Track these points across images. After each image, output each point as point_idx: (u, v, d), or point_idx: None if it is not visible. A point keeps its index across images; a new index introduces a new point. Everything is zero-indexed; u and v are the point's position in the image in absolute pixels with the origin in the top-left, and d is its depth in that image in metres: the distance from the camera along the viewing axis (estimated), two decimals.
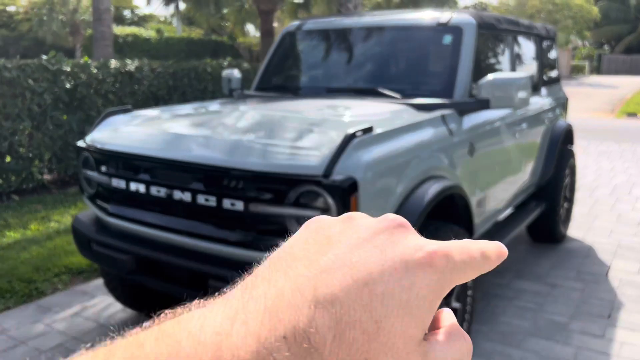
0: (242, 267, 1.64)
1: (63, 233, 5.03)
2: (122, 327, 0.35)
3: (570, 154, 5.00)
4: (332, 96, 3.36)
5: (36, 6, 27.05)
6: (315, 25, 3.90)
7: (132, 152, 2.54)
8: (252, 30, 27.05)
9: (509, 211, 4.38)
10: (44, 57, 6.35)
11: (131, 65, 7.28)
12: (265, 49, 12.82)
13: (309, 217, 1.68)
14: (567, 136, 5.00)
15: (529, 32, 4.35)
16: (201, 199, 2.34)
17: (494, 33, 3.64)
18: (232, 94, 3.96)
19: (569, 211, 5.24)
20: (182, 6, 15.04)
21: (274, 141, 2.36)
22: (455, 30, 3.31)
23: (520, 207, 4.53)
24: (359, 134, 2.21)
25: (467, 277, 0.35)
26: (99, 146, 2.72)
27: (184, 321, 0.29)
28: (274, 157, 2.22)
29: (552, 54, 5.09)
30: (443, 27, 3.35)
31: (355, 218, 0.36)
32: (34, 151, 6.31)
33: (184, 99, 8.01)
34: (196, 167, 2.33)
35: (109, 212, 2.72)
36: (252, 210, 2.22)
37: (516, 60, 3.98)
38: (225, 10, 14.87)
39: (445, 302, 2.69)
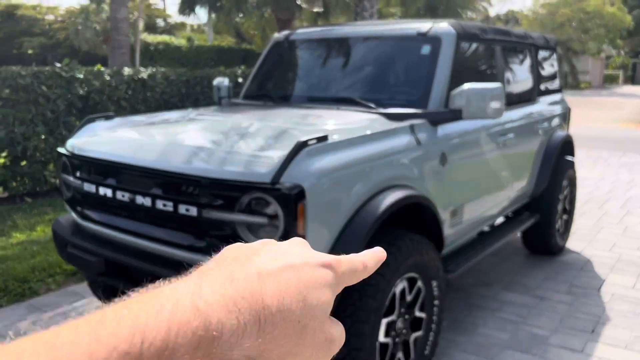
0: None
1: None
2: None
3: (569, 165, 4.93)
4: (312, 105, 3.41)
5: (72, 15, 27.91)
6: (303, 35, 3.96)
7: (100, 158, 2.64)
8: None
9: (500, 220, 4.35)
10: (58, 65, 6.58)
11: (144, 72, 7.47)
12: None
13: (258, 224, 1.77)
14: (566, 147, 4.93)
15: (521, 42, 4.32)
16: (159, 204, 2.41)
17: (477, 43, 3.64)
18: (221, 102, 4.04)
19: (567, 223, 5.16)
20: (204, 15, 15.36)
21: (231, 149, 2.42)
22: (434, 40, 3.32)
23: (513, 216, 4.49)
24: (311, 142, 2.25)
25: (352, 282, 0.46)
26: (74, 151, 2.83)
27: (162, 288, 0.36)
28: (227, 164, 2.28)
29: (551, 64, 5.03)
30: (422, 37, 3.37)
31: (267, 242, 0.45)
32: (47, 155, 6.52)
33: (196, 106, 8.17)
34: (155, 173, 2.41)
35: (83, 215, 2.83)
36: (205, 216, 2.28)
37: (504, 71, 3.96)
38: (244, 19, 15.10)
39: (408, 312, 2.70)
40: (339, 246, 2.28)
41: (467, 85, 3.02)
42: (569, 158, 4.98)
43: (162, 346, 0.31)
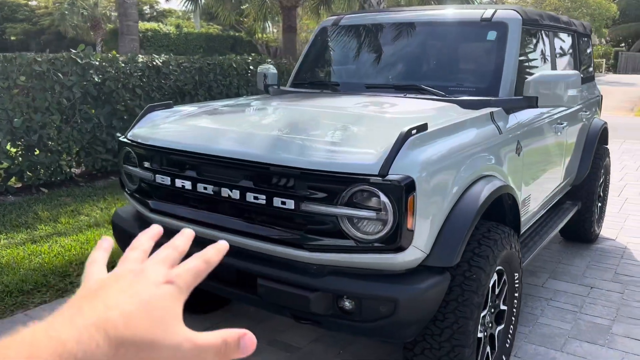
0: (291, 267, 1.59)
1: (94, 227, 5.04)
2: None
3: (607, 153, 4.91)
4: (372, 93, 3.31)
5: (58, 0, 27.23)
6: (353, 20, 3.84)
7: (178, 149, 2.51)
8: (268, 27, 27.01)
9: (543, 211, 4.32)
10: (73, 50, 6.37)
11: (158, 59, 7.28)
12: (287, 45, 12.76)
13: (364, 217, 1.65)
14: (603, 135, 4.90)
15: (567, 29, 4.26)
16: (250, 197, 2.30)
17: (536, 29, 3.56)
18: (268, 90, 3.92)
19: (602, 210, 5.15)
20: (202, 1, 15.01)
21: (326, 139, 2.32)
22: (500, 25, 3.24)
23: (555, 206, 4.45)
24: (414, 131, 2.16)
25: (197, 282, 0.55)
26: (142, 141, 2.69)
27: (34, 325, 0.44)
28: (329, 155, 2.18)
29: (588, 51, 4.99)
30: (487, 23, 3.28)
31: (118, 276, 0.53)
32: (62, 145, 6.33)
33: (209, 94, 8.00)
34: (247, 165, 2.29)
35: (151, 208, 2.70)
36: (302, 209, 2.18)
37: (556, 57, 3.90)
38: (245, 6, 14.82)
39: (494, 304, 2.64)
40: (442, 240, 2.20)
41: (544, 73, 2.95)
42: (605, 146, 4.95)
43: None
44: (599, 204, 5.05)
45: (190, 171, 2.49)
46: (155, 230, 0.62)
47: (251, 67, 8.79)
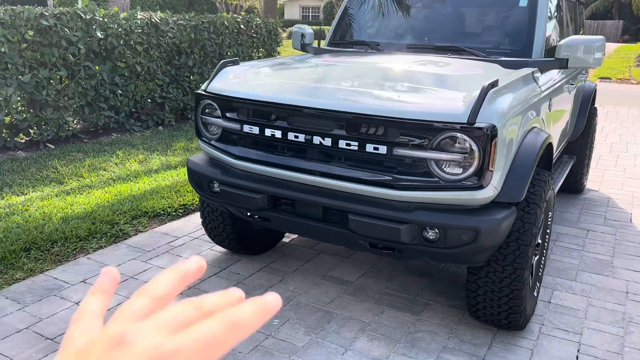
0: (379, 204, 2.01)
1: (119, 181, 5.21)
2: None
3: (596, 112, 5.42)
4: (415, 52, 3.63)
5: None
6: None
7: (271, 101, 2.77)
8: None
9: None
10: (79, 4, 6.34)
11: (156, 17, 7.30)
12: (268, 4, 12.75)
13: (452, 160, 2.14)
14: (594, 95, 5.40)
15: None
16: (342, 144, 2.61)
17: None
18: (305, 49, 4.16)
19: (588, 165, 5.70)
20: None
21: (411, 92, 2.63)
22: None
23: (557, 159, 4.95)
24: (490, 86, 2.50)
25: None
26: (229, 94, 2.93)
27: None
28: (420, 105, 2.51)
29: (582, 16, 5.43)
30: None
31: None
32: (69, 101, 6.37)
33: (204, 51, 8.08)
34: (341, 115, 2.59)
35: (236, 155, 2.96)
36: (395, 154, 2.51)
37: (569, 22, 4.30)
38: None
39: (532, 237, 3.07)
40: (511, 179, 2.59)
41: (575, 37, 3.34)
42: (594, 106, 5.46)
43: None
44: (588, 159, 5.60)
45: (281, 121, 2.76)
46: (188, 270, 0.45)
47: (242, 26, 8.88)
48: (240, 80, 3.06)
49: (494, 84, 2.54)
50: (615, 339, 2.97)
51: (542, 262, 3.26)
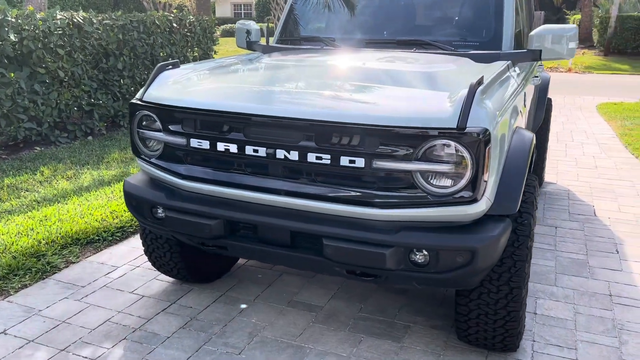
0: (357, 225, 1.57)
1: (44, 203, 4.60)
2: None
3: (551, 103, 5.29)
4: (376, 48, 3.29)
5: None
6: None
7: (222, 109, 2.34)
8: None
9: None
10: None
11: (78, 16, 6.64)
12: (201, 0, 12.12)
13: (440, 172, 1.70)
14: (548, 86, 5.26)
15: None
16: (312, 157, 2.22)
17: None
18: (252, 47, 3.74)
19: (545, 157, 5.58)
20: None
21: (387, 94, 2.28)
22: None
23: None
24: (477, 84, 2.19)
25: None
26: (171, 103, 2.47)
27: None
28: (398, 110, 2.15)
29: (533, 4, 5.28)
30: None
31: None
32: None
33: (134, 53, 7.47)
34: (309, 124, 2.20)
35: (183, 175, 2.52)
36: (374, 167, 2.15)
37: (528, 13, 4.09)
38: None
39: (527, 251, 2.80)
40: (504, 189, 2.28)
41: (546, 27, 3.09)
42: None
43: None
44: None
45: (237, 133, 2.34)
46: None
47: (174, 25, 8.30)
48: (183, 85, 2.61)
49: (480, 82, 2.23)
50: (611, 352, 2.75)
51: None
